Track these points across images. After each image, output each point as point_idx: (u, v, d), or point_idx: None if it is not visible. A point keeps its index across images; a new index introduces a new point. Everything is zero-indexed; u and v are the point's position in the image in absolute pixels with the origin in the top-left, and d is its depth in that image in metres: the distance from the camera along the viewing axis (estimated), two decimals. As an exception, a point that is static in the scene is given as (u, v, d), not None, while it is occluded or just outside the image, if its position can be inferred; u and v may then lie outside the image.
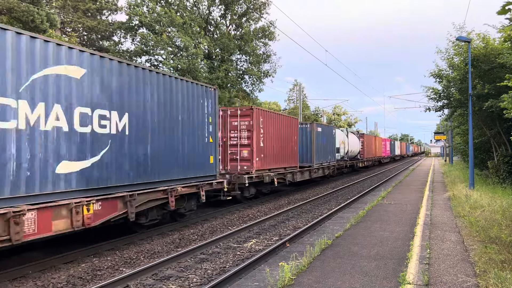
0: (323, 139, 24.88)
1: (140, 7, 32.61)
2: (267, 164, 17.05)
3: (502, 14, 4.24)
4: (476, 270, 6.50)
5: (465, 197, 14.26)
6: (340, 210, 14.20)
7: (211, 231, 11.38)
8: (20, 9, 22.75)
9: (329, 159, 26.05)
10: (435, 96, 21.12)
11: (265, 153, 16.74)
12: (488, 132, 20.99)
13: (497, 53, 16.74)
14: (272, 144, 17.55)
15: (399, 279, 6.12)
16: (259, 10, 37.23)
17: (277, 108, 65.48)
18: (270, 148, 17.33)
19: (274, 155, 17.76)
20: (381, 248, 8.11)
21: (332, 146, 27.16)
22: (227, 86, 36.01)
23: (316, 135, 23.40)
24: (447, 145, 56.73)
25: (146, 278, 7.29)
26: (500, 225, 9.47)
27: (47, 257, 8.24)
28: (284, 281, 5.96)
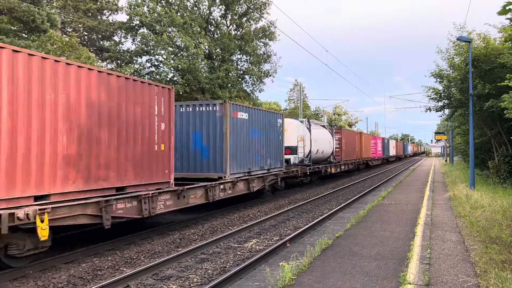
0: (254, 133, 15.96)
1: (141, 7, 32.62)
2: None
3: (503, 15, 4.25)
4: (476, 270, 6.50)
5: (466, 197, 14.25)
6: (340, 210, 14.19)
7: (211, 231, 11.39)
8: (20, 9, 22.75)
9: (269, 165, 17.34)
10: (436, 96, 21.12)
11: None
12: (489, 132, 20.98)
13: (497, 53, 16.75)
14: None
15: (400, 279, 6.12)
16: (259, 10, 37.23)
17: (277, 108, 65.49)
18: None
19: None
20: (382, 248, 8.10)
21: (277, 143, 18.30)
22: (228, 86, 36.00)
23: (234, 125, 14.29)
24: (448, 145, 56.70)
25: (146, 278, 7.30)
26: (500, 225, 9.47)
27: (48, 257, 8.25)
28: (285, 281, 5.96)
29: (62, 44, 21.60)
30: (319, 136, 25.29)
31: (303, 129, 22.93)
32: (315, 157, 24.64)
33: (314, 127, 25.08)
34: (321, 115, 69.92)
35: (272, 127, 17.80)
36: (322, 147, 25.80)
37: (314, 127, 24.88)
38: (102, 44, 36.50)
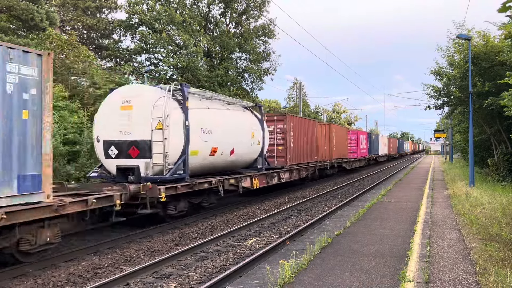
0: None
1: (140, 5, 32.57)
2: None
3: (503, 12, 4.23)
4: (476, 268, 6.51)
5: (465, 195, 14.26)
6: (340, 208, 14.19)
7: (211, 229, 11.39)
8: (19, 7, 22.71)
9: None
10: (435, 94, 21.13)
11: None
12: (488, 130, 20.99)
13: (497, 50, 16.74)
14: None
15: (399, 276, 6.13)
16: (259, 8, 37.17)
17: (277, 107, 65.43)
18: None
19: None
20: (381, 246, 8.11)
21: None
22: (227, 85, 35.98)
23: None
24: (447, 143, 56.72)
25: (146, 276, 7.30)
26: (500, 222, 9.48)
27: (47, 255, 8.25)
28: (284, 279, 5.96)
29: (61, 42, 21.57)
30: (221, 122, 13.52)
31: (170, 106, 11.16)
32: (210, 163, 13.23)
33: (204, 103, 13.15)
34: (320, 113, 69.90)
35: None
36: (231, 143, 14.03)
37: (201, 103, 12.96)
38: (101, 42, 36.44)
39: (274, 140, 18.98)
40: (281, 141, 19.11)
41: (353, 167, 35.08)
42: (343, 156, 30.78)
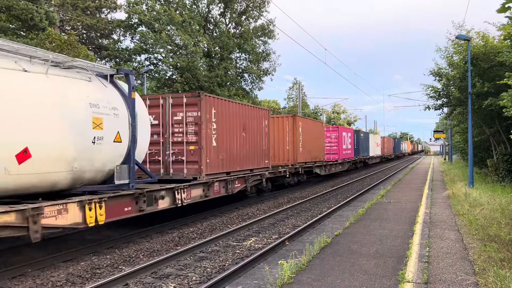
0: None
1: (140, 5, 32.56)
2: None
3: (502, 12, 4.24)
4: (475, 268, 6.51)
5: (465, 195, 14.27)
6: (339, 209, 14.19)
7: (210, 230, 11.39)
8: (19, 7, 22.70)
9: None
10: (435, 94, 21.14)
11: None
12: (488, 130, 21.01)
13: (496, 51, 16.75)
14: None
15: (399, 277, 6.12)
16: (258, 8, 37.17)
17: (277, 107, 65.42)
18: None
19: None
20: (381, 246, 8.11)
21: None
22: (227, 85, 35.98)
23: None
24: (447, 144, 56.75)
25: (145, 277, 7.29)
26: (499, 223, 9.49)
27: (46, 255, 8.24)
28: (284, 280, 5.95)
29: (61, 42, 21.57)
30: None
31: None
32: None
33: None
34: (320, 114, 69.92)
35: None
36: (22, 141, 6.99)
37: None
38: (100, 42, 36.43)
39: (182, 136, 12.35)
40: (193, 137, 12.26)
41: (331, 172, 28.01)
42: (316, 159, 24.38)
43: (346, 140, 32.13)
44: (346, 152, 32.05)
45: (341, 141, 30.57)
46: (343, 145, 31.20)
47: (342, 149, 30.68)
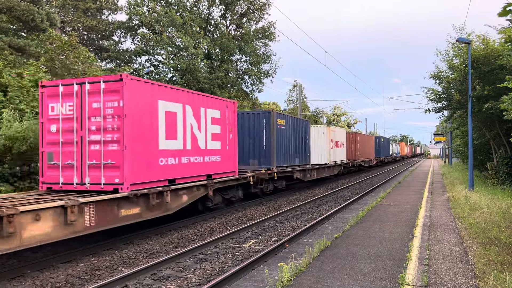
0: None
1: (140, 7, 32.62)
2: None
3: (503, 16, 4.24)
4: (475, 272, 6.50)
5: (465, 198, 14.26)
6: (339, 211, 14.18)
7: (210, 231, 11.37)
8: (20, 8, 22.74)
9: None
10: (435, 97, 21.15)
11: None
12: (488, 133, 21.00)
13: (497, 54, 16.76)
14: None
15: (399, 280, 6.12)
16: (259, 10, 37.24)
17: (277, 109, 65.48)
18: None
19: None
20: (381, 249, 8.10)
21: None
22: (227, 86, 36.01)
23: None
24: (447, 147, 56.74)
25: (145, 278, 7.28)
26: (499, 226, 9.48)
27: (46, 256, 8.23)
28: (283, 282, 5.94)
29: (62, 43, 21.57)
30: None
31: None
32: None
33: None
34: (320, 116, 69.95)
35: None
36: None
37: None
38: (101, 43, 36.47)
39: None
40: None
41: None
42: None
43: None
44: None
45: (225, 135, 18.44)
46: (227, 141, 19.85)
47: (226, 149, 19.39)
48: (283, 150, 18.68)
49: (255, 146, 17.59)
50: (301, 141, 21.35)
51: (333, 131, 27.38)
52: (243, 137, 17.45)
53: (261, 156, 17.47)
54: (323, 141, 25.40)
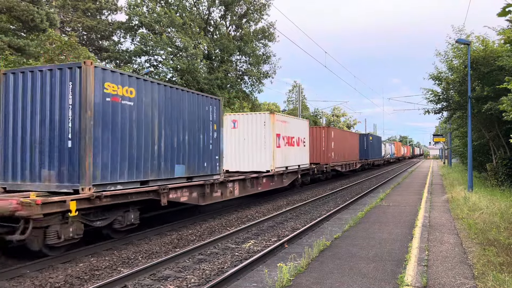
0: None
1: (140, 7, 32.63)
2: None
3: (502, 16, 4.24)
4: (474, 272, 6.50)
5: (464, 199, 14.27)
6: (338, 212, 14.19)
7: (209, 232, 11.37)
8: (20, 8, 22.73)
9: None
10: (435, 98, 21.17)
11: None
12: (487, 134, 21.02)
13: (496, 55, 16.78)
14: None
15: (398, 280, 6.12)
16: (259, 11, 37.26)
17: (276, 110, 65.49)
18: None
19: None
20: (380, 249, 8.10)
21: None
22: (227, 87, 36.02)
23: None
24: (446, 148, 56.78)
25: (144, 278, 7.28)
26: (498, 227, 9.48)
27: (45, 256, 8.21)
28: (282, 282, 5.94)
29: (61, 43, 21.58)
30: None
31: None
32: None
33: None
34: (320, 117, 69.99)
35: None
36: None
37: None
38: (101, 43, 36.47)
39: None
40: None
41: None
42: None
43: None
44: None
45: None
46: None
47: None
48: (129, 149, 9.55)
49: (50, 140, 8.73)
50: (194, 133, 12.21)
51: (282, 121, 18.52)
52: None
53: (61, 161, 8.58)
54: (262, 136, 17.33)
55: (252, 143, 17.45)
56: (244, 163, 17.50)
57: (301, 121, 22.06)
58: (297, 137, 20.36)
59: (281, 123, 18.42)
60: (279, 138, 18.01)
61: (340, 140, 29.10)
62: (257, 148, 17.40)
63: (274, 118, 17.51)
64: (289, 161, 19.29)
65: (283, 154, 18.49)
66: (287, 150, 19.00)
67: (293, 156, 19.85)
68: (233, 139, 17.65)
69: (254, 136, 17.44)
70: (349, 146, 32.59)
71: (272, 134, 17.27)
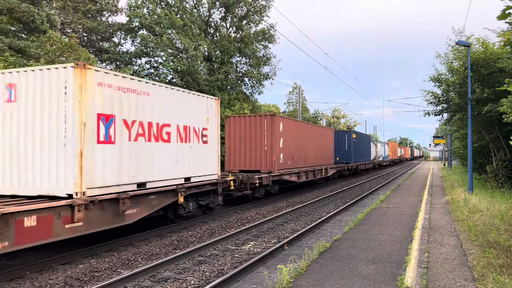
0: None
1: (140, 9, 32.67)
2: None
3: (502, 19, 4.24)
4: (474, 275, 6.49)
5: (464, 201, 14.26)
6: (338, 213, 14.18)
7: (209, 233, 11.36)
8: (20, 9, 22.75)
9: None
10: (435, 100, 21.18)
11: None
12: (487, 136, 21.02)
13: (496, 57, 16.80)
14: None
15: (398, 282, 6.11)
16: (259, 13, 37.29)
17: (276, 111, 65.53)
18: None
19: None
20: (380, 251, 8.09)
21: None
22: (227, 89, 36.05)
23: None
24: (446, 149, 56.75)
25: (144, 280, 7.27)
26: (498, 229, 9.48)
27: (45, 258, 8.21)
28: (282, 284, 5.94)
29: (62, 45, 21.61)
30: None
31: None
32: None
33: None
34: (320, 118, 70.00)
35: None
36: None
37: None
38: (101, 45, 36.49)
39: None
40: None
41: None
42: None
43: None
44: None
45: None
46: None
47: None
48: None
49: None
50: None
51: (120, 89, 9.23)
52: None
53: None
54: (56, 119, 8.35)
55: (39, 134, 8.45)
56: (20, 178, 8.48)
57: (195, 96, 12.65)
58: (182, 126, 11.70)
59: (117, 93, 9.15)
60: (108, 123, 8.88)
61: (297, 136, 20.73)
62: (45, 145, 8.39)
63: (90, 76, 8.51)
64: (151, 171, 10.18)
65: (125, 157, 9.30)
66: (140, 149, 9.84)
67: (167, 162, 10.87)
68: (9, 123, 8.70)
69: (43, 119, 8.44)
70: (317, 145, 24.38)
71: (81, 113, 8.17)
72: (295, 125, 20.87)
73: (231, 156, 18.24)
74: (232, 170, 17.85)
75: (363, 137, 39.65)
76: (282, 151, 18.46)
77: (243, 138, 17.99)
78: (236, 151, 18.10)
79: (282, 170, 18.45)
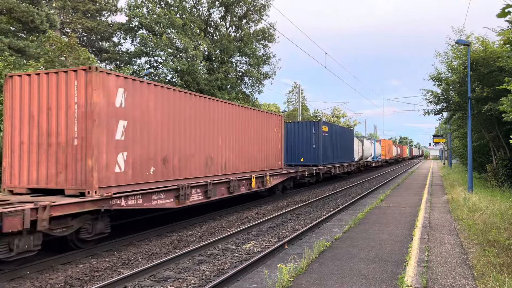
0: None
1: (140, 9, 32.66)
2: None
3: (502, 17, 4.24)
4: (474, 273, 6.50)
5: (464, 200, 14.27)
6: (338, 213, 14.18)
7: (209, 233, 11.37)
8: (20, 9, 22.75)
9: None
10: (434, 99, 21.18)
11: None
12: (487, 135, 21.03)
13: (496, 56, 16.80)
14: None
15: (398, 281, 6.12)
16: (259, 12, 37.28)
17: (276, 110, 65.52)
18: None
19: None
20: (380, 250, 8.10)
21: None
22: (227, 88, 36.05)
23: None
24: (446, 148, 56.77)
25: (144, 279, 7.27)
26: (498, 228, 9.49)
27: (45, 258, 8.22)
28: (282, 283, 5.94)
29: (61, 44, 21.60)
30: None
31: None
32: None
33: None
34: (319, 118, 70.02)
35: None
36: None
37: None
38: (101, 45, 36.49)
39: None
40: None
41: None
42: None
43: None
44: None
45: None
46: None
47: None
48: None
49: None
50: None
51: None
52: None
53: None
54: None
55: None
56: None
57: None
58: None
59: None
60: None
61: (179, 119, 11.51)
62: None
63: None
64: None
65: None
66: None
67: None
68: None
69: None
70: (244, 139, 15.45)
71: None
72: (172, 98, 11.18)
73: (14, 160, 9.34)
74: (15, 187, 9.30)
75: (342, 132, 30.40)
76: (122, 148, 9.40)
77: (34, 120, 9.15)
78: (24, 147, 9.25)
79: (119, 188, 9.25)
